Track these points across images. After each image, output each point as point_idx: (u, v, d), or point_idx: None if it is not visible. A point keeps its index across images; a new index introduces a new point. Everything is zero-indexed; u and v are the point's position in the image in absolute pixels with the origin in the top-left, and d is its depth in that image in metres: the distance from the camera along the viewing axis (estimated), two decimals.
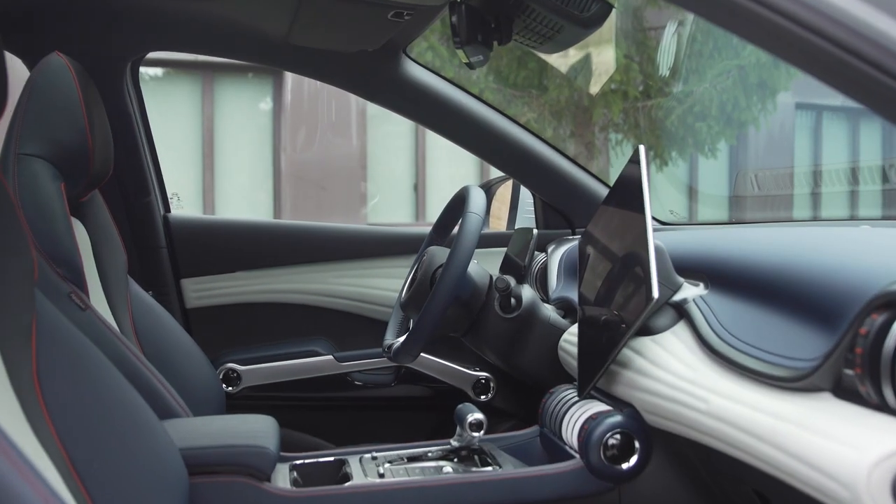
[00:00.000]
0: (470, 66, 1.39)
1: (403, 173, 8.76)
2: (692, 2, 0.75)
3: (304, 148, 8.23)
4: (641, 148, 1.25)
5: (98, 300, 1.53)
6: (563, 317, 1.61)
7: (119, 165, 1.85)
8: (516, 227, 2.05)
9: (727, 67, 7.52)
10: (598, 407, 1.27)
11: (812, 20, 0.67)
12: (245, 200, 8.38)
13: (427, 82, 1.87)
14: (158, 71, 7.99)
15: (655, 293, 1.08)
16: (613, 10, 1.29)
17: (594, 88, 6.51)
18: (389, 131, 8.42)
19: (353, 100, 7.57)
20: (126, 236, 1.78)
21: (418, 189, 8.70)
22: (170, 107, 7.95)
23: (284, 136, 8.24)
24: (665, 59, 7.43)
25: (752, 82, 7.60)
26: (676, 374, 1.11)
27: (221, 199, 8.26)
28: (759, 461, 0.91)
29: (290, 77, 8.10)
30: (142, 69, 1.92)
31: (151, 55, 1.86)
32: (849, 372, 0.83)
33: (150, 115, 1.94)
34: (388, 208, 8.64)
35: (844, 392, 0.85)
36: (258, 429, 1.29)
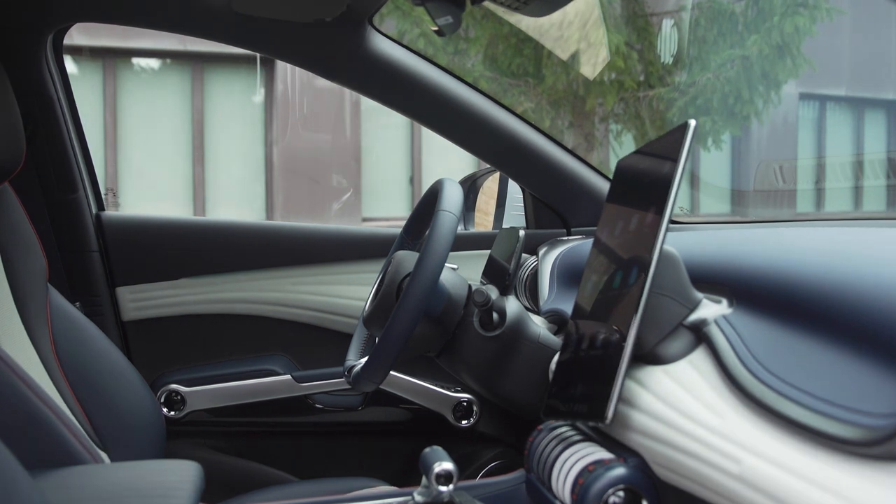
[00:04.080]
0: (439, 32, 1.14)
1: (399, 166, 8.63)
2: None
3: (297, 141, 8.11)
4: (692, 124, 0.97)
5: (7, 315, 1.31)
6: (556, 333, 1.38)
7: (38, 156, 1.61)
8: (503, 227, 1.82)
9: (731, 57, 7.32)
10: (596, 454, 1.03)
11: None
12: (237, 194, 8.26)
13: (397, 58, 1.62)
14: (147, 62, 7.84)
15: (609, 415, 0.89)
16: None
17: (591, 76, 6.30)
18: (384, 123, 8.29)
19: (347, 91, 7.41)
20: (48, 239, 1.55)
21: (414, 182, 8.57)
22: (159, 99, 7.82)
23: (276, 128, 8.14)
24: (667, 48, 7.23)
25: (755, 73, 7.39)
26: (697, 419, 0.86)
27: (212, 192, 8.13)
28: None
29: (281, 68, 7.97)
30: (131, 60, 1.68)
31: (139, 45, 1.62)
32: None
33: (139, 108, 1.71)
34: (384, 202, 8.51)
35: None
36: (172, 482, 1.05)
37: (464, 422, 1.74)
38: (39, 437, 1.08)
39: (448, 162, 8.01)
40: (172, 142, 7.90)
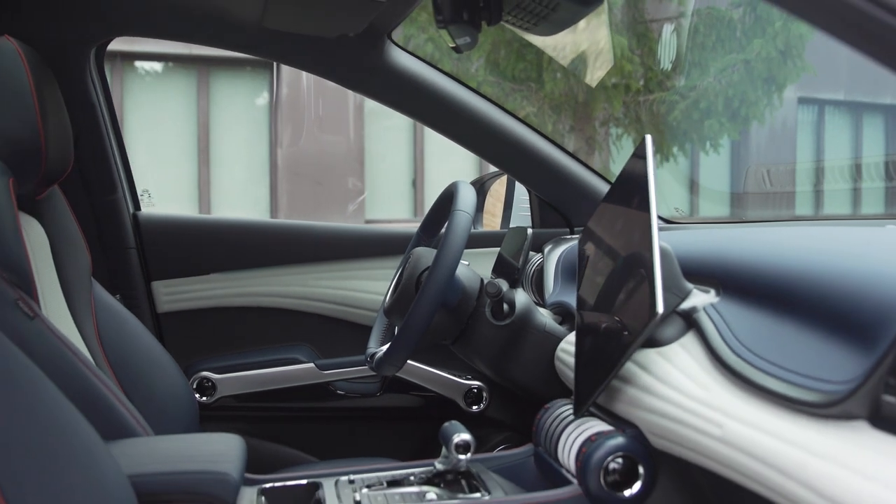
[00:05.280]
0: (457, 49, 1.26)
1: (401, 169, 8.68)
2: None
3: (301, 143, 8.15)
4: (648, 138, 1.11)
5: (57, 306, 1.42)
6: (561, 323, 1.49)
7: (82, 160, 1.73)
8: (510, 226, 1.93)
9: (732, 61, 7.40)
10: (597, 426, 1.15)
11: None
12: (242, 196, 8.31)
13: (414, 70, 1.75)
14: (153, 65, 7.91)
15: (660, 307, 0.94)
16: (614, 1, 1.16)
17: (594, 81, 6.39)
18: (387, 126, 8.34)
19: (350, 95, 7.49)
20: (91, 236, 1.66)
21: (417, 185, 8.62)
22: (165, 101, 7.87)
23: (281, 131, 8.17)
24: (667, 53, 7.31)
25: (758, 77, 7.47)
26: (686, 392, 0.98)
27: (217, 194, 8.19)
28: (783, 499, 0.78)
29: (286, 71, 8.03)
30: (136, 63, 1.80)
31: (145, 49, 1.74)
32: (890, 399, 0.71)
33: (145, 110, 1.82)
34: (387, 204, 8.56)
35: (884, 422, 0.73)
36: (220, 451, 1.17)
37: (474, 407, 1.86)
38: (99, 411, 1.20)
39: (450, 164, 8.09)
40: (178, 144, 7.95)
